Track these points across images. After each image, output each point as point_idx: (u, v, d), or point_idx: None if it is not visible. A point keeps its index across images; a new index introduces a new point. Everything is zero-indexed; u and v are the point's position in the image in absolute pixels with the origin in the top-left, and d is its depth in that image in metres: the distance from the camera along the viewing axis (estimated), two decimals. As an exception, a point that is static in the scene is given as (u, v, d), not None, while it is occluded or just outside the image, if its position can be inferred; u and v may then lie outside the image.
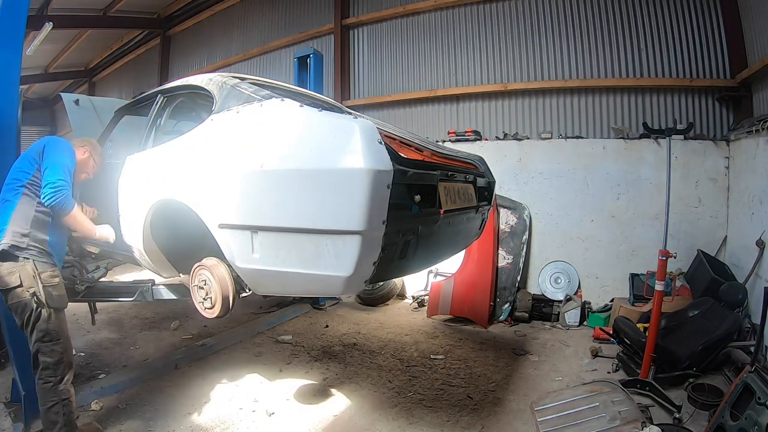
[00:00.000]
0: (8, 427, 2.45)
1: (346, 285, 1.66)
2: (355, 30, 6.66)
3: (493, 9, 5.55)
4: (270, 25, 7.65)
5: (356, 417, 2.69)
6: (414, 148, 2.52)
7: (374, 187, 1.52)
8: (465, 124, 5.72)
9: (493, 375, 3.27)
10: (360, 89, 6.66)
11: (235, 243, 1.81)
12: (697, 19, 4.54)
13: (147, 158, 2.33)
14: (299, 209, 1.65)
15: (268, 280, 1.86)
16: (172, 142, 2.21)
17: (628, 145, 4.59)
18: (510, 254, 4.81)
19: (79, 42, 9.60)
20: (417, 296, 5.20)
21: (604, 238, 4.67)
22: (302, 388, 3.04)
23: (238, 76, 2.26)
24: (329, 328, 4.34)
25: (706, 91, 4.57)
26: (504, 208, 4.94)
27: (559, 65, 5.17)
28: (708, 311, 3.28)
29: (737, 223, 4.06)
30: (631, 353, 3.21)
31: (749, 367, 2.13)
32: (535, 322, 4.51)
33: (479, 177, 2.70)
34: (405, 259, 1.91)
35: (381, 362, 3.49)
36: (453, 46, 5.84)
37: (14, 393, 2.58)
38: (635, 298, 4.18)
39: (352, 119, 1.63)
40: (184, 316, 4.42)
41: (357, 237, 1.56)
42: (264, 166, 1.70)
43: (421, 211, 1.87)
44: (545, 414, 2.47)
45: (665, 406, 2.63)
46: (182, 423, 2.55)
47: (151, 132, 2.48)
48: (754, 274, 3.49)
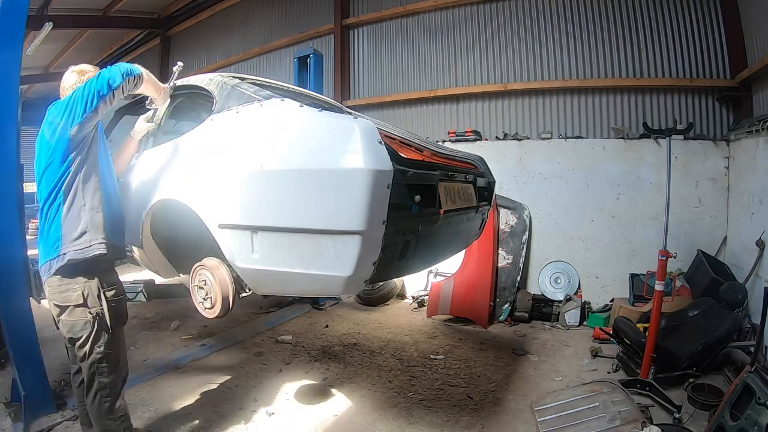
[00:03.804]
0: (8, 427, 2.44)
1: (346, 285, 1.66)
2: (355, 30, 6.65)
3: (493, 9, 5.55)
4: (270, 25, 7.65)
5: (356, 417, 2.69)
6: (414, 148, 2.51)
7: (374, 187, 1.52)
8: (465, 124, 5.72)
9: (493, 375, 3.27)
10: (360, 89, 6.66)
11: (235, 243, 1.81)
12: (697, 19, 4.54)
13: (147, 158, 2.33)
14: (299, 209, 1.65)
15: (268, 280, 1.86)
16: (172, 142, 2.21)
17: (628, 145, 4.59)
18: (510, 254, 4.80)
19: (79, 42, 9.59)
20: (417, 296, 5.20)
21: (604, 238, 4.67)
22: (302, 388, 3.04)
23: (238, 76, 2.26)
24: (329, 328, 4.34)
25: (706, 91, 4.56)
26: (504, 208, 4.94)
27: (559, 65, 5.17)
28: (708, 311, 3.28)
29: (737, 223, 4.06)
30: (631, 353, 3.20)
31: (749, 367, 2.13)
32: (535, 322, 4.51)
33: (479, 177, 2.70)
34: (405, 259, 1.91)
35: (381, 362, 3.49)
36: (453, 46, 5.84)
37: (14, 393, 2.57)
38: (635, 298, 4.17)
39: (352, 119, 1.63)
40: (184, 316, 4.41)
41: (357, 237, 1.56)
42: (264, 166, 1.70)
43: (421, 211, 1.87)
44: (545, 414, 2.47)
45: (665, 406, 2.63)
46: (182, 423, 2.55)
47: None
48: (754, 274, 3.49)
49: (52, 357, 3.13)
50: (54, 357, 3.15)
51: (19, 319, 2.43)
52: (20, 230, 2.47)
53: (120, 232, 2.05)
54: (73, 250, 1.82)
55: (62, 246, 1.81)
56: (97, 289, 1.87)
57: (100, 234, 1.88)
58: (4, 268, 2.36)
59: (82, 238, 1.83)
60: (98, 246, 1.86)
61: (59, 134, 1.79)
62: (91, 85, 1.78)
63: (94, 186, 1.89)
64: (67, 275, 1.84)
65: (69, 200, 1.83)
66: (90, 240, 1.85)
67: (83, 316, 1.85)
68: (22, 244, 2.47)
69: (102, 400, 1.92)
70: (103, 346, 1.89)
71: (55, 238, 1.82)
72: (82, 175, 1.85)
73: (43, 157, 1.83)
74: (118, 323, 1.95)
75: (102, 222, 1.89)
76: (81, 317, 1.85)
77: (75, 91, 1.81)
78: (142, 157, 2.36)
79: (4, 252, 2.35)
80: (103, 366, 1.90)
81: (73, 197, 1.83)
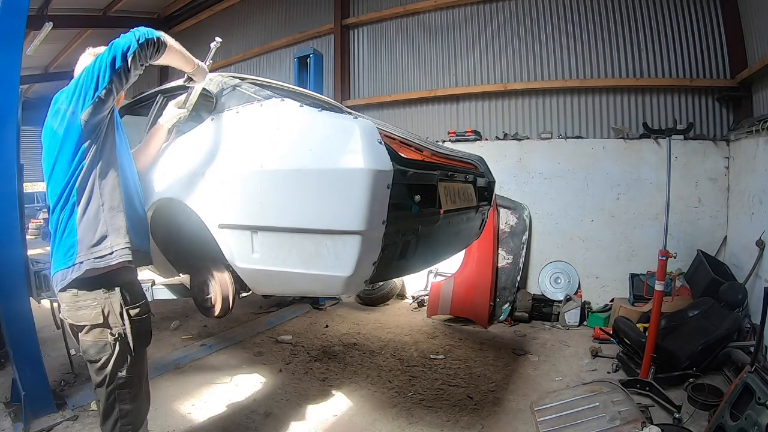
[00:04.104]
0: (8, 427, 2.44)
1: (346, 285, 1.66)
2: (355, 30, 6.65)
3: (493, 9, 5.55)
4: (270, 25, 7.65)
5: (356, 417, 2.69)
6: (414, 148, 2.51)
7: (374, 187, 1.52)
8: (465, 124, 5.72)
9: (493, 375, 3.27)
10: (360, 89, 6.66)
11: (235, 243, 1.81)
12: (697, 19, 4.54)
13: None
14: (299, 209, 1.65)
15: (268, 280, 1.86)
16: (172, 141, 2.20)
17: (628, 145, 4.59)
18: (510, 254, 4.81)
19: (79, 42, 9.58)
20: (417, 296, 5.20)
21: (604, 238, 4.67)
22: (302, 388, 3.04)
23: (238, 76, 2.26)
24: (329, 328, 4.34)
25: (706, 91, 4.56)
26: (504, 208, 4.94)
27: (559, 65, 5.17)
28: (708, 311, 3.28)
29: (737, 223, 4.06)
30: (631, 353, 3.20)
31: (749, 367, 2.13)
32: (535, 322, 4.51)
33: (479, 177, 2.70)
34: (405, 259, 1.91)
35: (381, 362, 3.49)
36: (453, 46, 5.84)
37: (14, 393, 2.58)
38: (635, 298, 4.18)
39: (352, 119, 1.63)
40: (184, 316, 4.42)
41: (357, 237, 1.56)
42: (264, 166, 1.70)
43: (421, 211, 1.87)
44: (545, 414, 2.47)
45: (665, 406, 2.63)
46: (182, 423, 2.55)
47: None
48: (754, 274, 3.49)
49: (52, 357, 3.14)
50: (54, 357, 3.15)
51: (19, 319, 2.43)
52: (20, 230, 2.47)
53: (144, 234, 1.77)
54: (92, 258, 1.53)
55: (78, 253, 1.53)
56: (119, 305, 1.58)
57: (123, 238, 1.59)
58: (4, 268, 2.36)
59: (102, 243, 1.56)
60: (121, 253, 1.58)
61: (68, 122, 1.52)
62: (101, 58, 1.49)
63: (113, 182, 1.61)
64: (85, 288, 1.56)
65: (84, 199, 1.55)
66: (111, 245, 1.56)
67: (103, 338, 1.57)
68: (22, 244, 2.47)
69: (122, 429, 1.63)
70: (125, 370, 1.60)
71: (69, 244, 1.54)
72: (98, 170, 1.57)
73: (52, 151, 1.56)
74: (143, 344, 1.66)
75: (124, 223, 1.61)
76: (100, 338, 1.57)
77: (83, 70, 1.54)
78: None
79: (4, 252, 2.35)
80: (125, 392, 1.62)
81: (89, 196, 1.55)
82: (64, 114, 1.53)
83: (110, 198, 1.59)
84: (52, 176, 1.57)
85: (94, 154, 1.57)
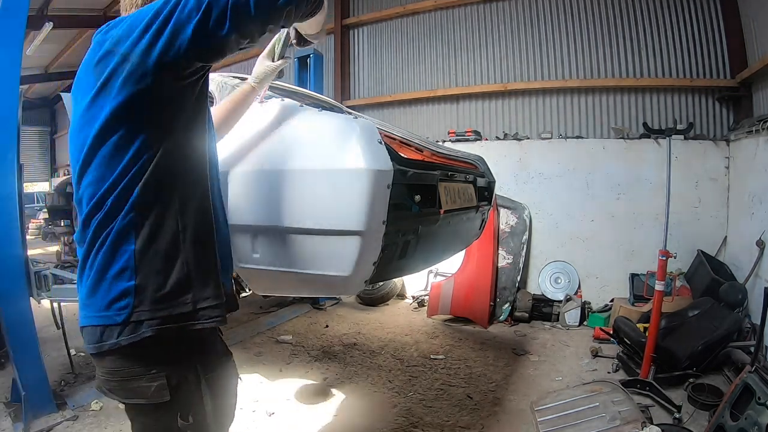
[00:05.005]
0: (8, 427, 2.44)
1: (346, 285, 1.65)
2: (355, 30, 6.65)
3: (493, 9, 5.55)
4: (270, 25, 7.65)
5: (356, 417, 2.69)
6: (414, 148, 2.51)
7: (374, 187, 1.52)
8: (465, 124, 5.72)
9: (493, 375, 3.27)
10: (360, 89, 6.66)
11: (235, 243, 1.81)
12: (697, 19, 4.54)
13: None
14: (299, 209, 1.65)
15: (268, 280, 1.86)
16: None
17: (628, 145, 4.59)
18: (510, 254, 4.81)
19: (79, 42, 9.60)
20: (417, 296, 5.20)
21: (605, 238, 4.67)
22: (302, 388, 3.04)
23: (238, 76, 2.26)
24: (329, 328, 4.34)
25: (706, 91, 4.56)
26: (504, 208, 4.94)
27: (559, 65, 5.17)
28: (708, 311, 3.28)
29: (737, 223, 4.06)
30: (631, 353, 3.20)
31: (749, 367, 2.13)
32: (535, 322, 4.51)
33: (479, 177, 2.70)
34: (405, 259, 1.91)
35: (381, 362, 3.49)
36: (453, 46, 5.84)
37: (14, 393, 2.58)
38: (635, 298, 4.18)
39: (352, 119, 1.63)
40: (184, 316, 4.41)
41: (357, 237, 1.55)
42: (264, 165, 1.70)
43: (421, 211, 1.87)
44: (545, 414, 2.47)
45: (665, 406, 2.63)
46: (182, 423, 2.55)
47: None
48: (754, 274, 3.49)
49: (52, 357, 3.14)
50: (54, 357, 3.15)
51: (20, 319, 2.43)
52: (20, 230, 2.47)
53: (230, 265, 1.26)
54: (160, 316, 0.94)
55: (135, 306, 0.93)
56: (196, 379, 1.01)
57: (213, 288, 1.03)
58: (4, 268, 2.36)
59: (180, 296, 0.97)
60: (210, 312, 1.01)
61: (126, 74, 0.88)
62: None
63: (202, 194, 1.04)
64: (143, 358, 0.96)
65: (153, 220, 0.95)
66: (195, 299, 0.99)
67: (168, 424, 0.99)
68: (22, 244, 2.47)
69: None
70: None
71: (119, 290, 0.93)
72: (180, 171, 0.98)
73: (89, 129, 0.91)
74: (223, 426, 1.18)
75: (216, 261, 1.06)
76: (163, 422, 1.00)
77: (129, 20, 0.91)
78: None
79: (4, 252, 2.35)
80: None
81: (161, 214, 0.95)
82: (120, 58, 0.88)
83: (194, 220, 1.00)
84: (89, 170, 0.94)
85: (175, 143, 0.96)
